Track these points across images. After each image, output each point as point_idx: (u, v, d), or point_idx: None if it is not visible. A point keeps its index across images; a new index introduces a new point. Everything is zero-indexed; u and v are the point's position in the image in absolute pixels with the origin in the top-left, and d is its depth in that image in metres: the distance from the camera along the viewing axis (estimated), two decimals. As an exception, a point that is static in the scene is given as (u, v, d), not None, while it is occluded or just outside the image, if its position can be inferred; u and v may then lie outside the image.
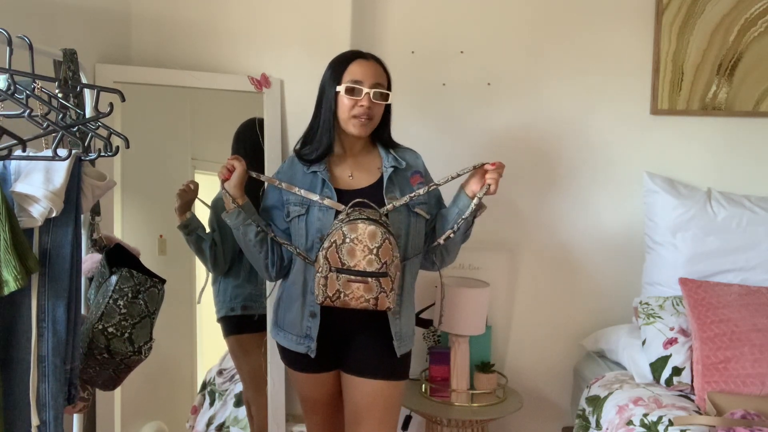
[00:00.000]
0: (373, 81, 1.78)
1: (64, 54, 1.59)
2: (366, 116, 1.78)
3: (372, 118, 1.80)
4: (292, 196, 1.82)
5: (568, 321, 2.68)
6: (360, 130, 1.79)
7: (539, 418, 2.69)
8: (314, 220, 1.79)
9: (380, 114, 1.83)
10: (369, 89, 1.77)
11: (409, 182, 1.86)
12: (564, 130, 2.63)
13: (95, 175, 1.34)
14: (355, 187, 1.83)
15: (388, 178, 1.83)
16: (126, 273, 1.56)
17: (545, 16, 2.61)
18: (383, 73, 1.83)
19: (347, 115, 1.79)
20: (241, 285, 2.40)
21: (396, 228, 1.76)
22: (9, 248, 1.11)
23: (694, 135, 2.59)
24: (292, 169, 1.88)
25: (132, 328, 1.53)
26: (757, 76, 2.54)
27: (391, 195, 1.80)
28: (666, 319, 2.23)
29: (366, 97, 1.77)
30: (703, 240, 2.41)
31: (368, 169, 1.88)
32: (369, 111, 1.78)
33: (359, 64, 1.80)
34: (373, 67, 1.81)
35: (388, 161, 1.86)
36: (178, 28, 2.46)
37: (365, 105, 1.77)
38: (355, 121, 1.78)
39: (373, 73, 1.79)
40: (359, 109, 1.77)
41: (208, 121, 2.52)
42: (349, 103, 1.78)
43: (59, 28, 2.00)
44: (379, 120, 1.84)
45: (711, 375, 1.98)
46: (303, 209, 1.80)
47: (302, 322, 1.82)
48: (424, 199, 1.85)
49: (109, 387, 1.62)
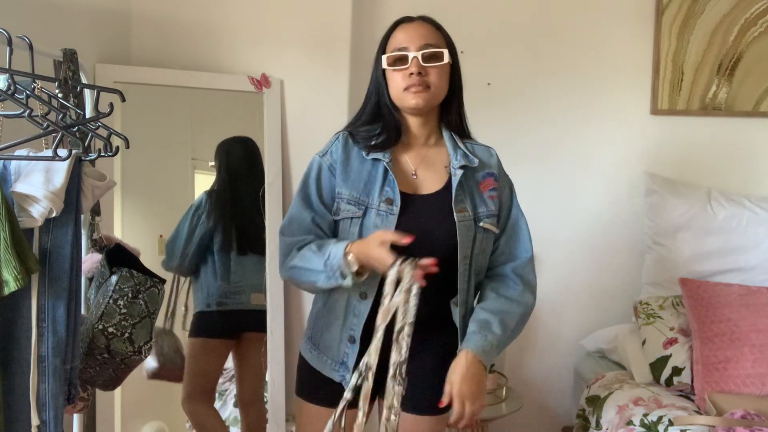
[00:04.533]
0: (421, 42, 1.45)
1: (64, 54, 1.59)
2: (420, 84, 1.44)
3: (429, 86, 1.45)
4: (346, 190, 1.47)
5: (568, 321, 2.68)
6: (416, 99, 1.44)
7: (539, 418, 2.68)
8: (370, 226, 1.44)
9: (441, 82, 1.48)
10: (416, 52, 1.44)
11: (479, 187, 1.50)
12: (564, 130, 2.64)
13: (95, 175, 1.34)
14: (421, 192, 1.49)
15: (458, 184, 1.46)
16: (126, 273, 1.56)
17: (545, 16, 2.61)
18: (436, 33, 1.49)
19: (399, 90, 1.46)
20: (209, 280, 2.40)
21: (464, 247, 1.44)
22: (9, 248, 1.11)
23: (694, 135, 2.59)
24: (346, 150, 1.50)
25: (132, 328, 1.53)
26: (757, 76, 2.54)
27: (461, 206, 1.46)
28: (666, 319, 2.23)
29: (414, 61, 1.43)
30: (703, 240, 2.41)
31: (435, 167, 1.52)
32: (422, 78, 1.44)
33: (402, 29, 1.49)
34: (422, 28, 1.48)
35: (457, 159, 1.49)
36: (178, 28, 2.46)
37: (415, 71, 1.43)
38: (408, 92, 1.45)
39: (420, 34, 1.46)
40: (409, 78, 1.44)
41: (208, 121, 2.52)
42: (398, 76, 1.46)
43: (59, 28, 2.00)
44: (441, 90, 1.49)
45: (711, 375, 1.98)
46: (360, 210, 1.45)
47: (339, 346, 1.49)
48: (495, 209, 1.51)
49: (109, 387, 1.62)
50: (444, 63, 1.47)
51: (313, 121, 2.46)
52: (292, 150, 2.48)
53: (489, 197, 1.50)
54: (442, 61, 1.46)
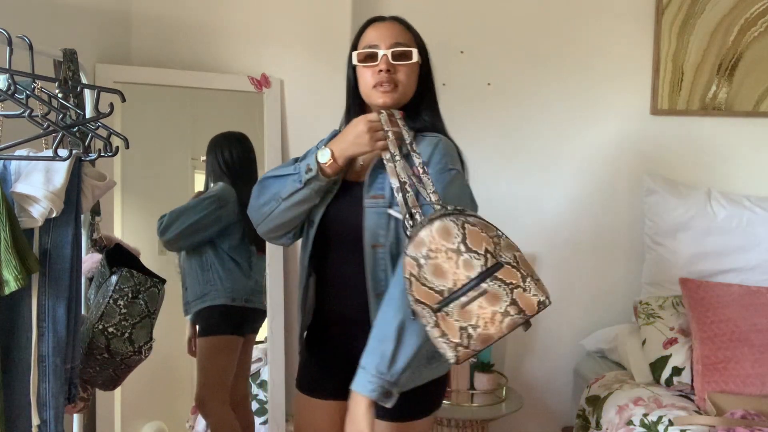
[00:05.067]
0: (392, 41, 1.48)
1: (64, 54, 1.59)
2: (389, 83, 1.46)
3: (398, 84, 1.47)
4: None
5: (568, 321, 2.68)
6: (384, 98, 1.46)
7: (539, 418, 2.68)
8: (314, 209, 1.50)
9: (409, 81, 1.49)
10: (386, 50, 1.46)
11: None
12: (564, 130, 2.64)
13: (95, 175, 1.34)
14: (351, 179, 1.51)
15: (374, 170, 1.45)
16: (126, 273, 1.56)
17: (545, 16, 2.61)
18: (406, 33, 1.52)
19: (368, 87, 1.49)
20: (236, 275, 2.38)
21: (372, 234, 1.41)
22: (9, 248, 1.11)
23: (694, 135, 2.59)
24: None
25: (132, 328, 1.53)
26: (757, 76, 2.54)
27: (375, 193, 1.43)
28: (666, 319, 2.23)
29: (383, 59, 1.46)
30: (703, 240, 2.41)
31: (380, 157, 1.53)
32: (391, 76, 1.46)
33: (374, 27, 1.53)
34: (393, 27, 1.52)
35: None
36: (178, 28, 2.46)
37: (383, 68, 1.45)
38: (377, 90, 1.47)
39: (390, 33, 1.50)
40: (378, 75, 1.46)
41: (208, 121, 2.52)
42: (368, 72, 1.48)
43: (59, 28, 2.00)
44: (409, 90, 1.50)
45: (711, 375, 1.98)
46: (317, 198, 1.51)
47: (301, 338, 1.59)
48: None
49: (109, 387, 1.62)
50: (413, 62, 1.49)
51: (313, 121, 2.46)
52: (292, 150, 2.48)
53: None
54: (411, 60, 1.48)
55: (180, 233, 2.31)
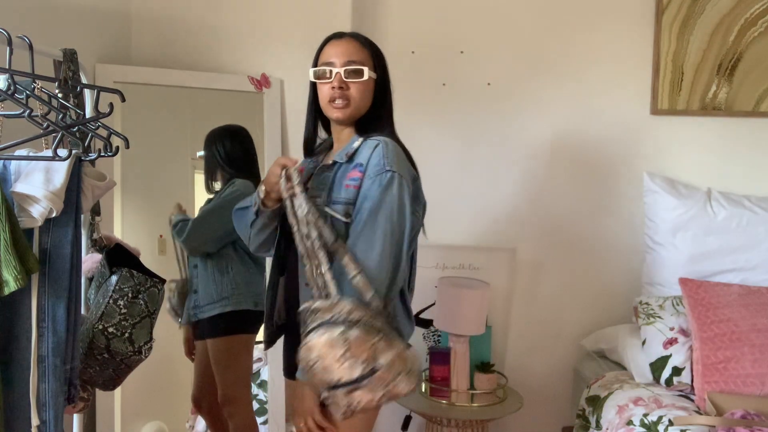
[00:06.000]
0: (345, 59, 1.58)
1: (64, 54, 1.59)
2: (341, 99, 1.57)
3: (350, 99, 1.57)
4: None
5: (568, 321, 2.68)
6: (338, 114, 1.58)
7: (539, 418, 2.68)
8: None
9: (362, 95, 1.59)
10: (340, 68, 1.57)
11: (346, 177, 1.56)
12: (564, 130, 2.63)
13: (95, 176, 1.34)
14: None
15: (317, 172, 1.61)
16: (126, 273, 1.56)
17: (545, 16, 2.61)
18: (361, 50, 1.61)
19: (325, 101, 1.60)
20: (257, 278, 2.34)
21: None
22: (9, 248, 1.11)
23: (694, 135, 2.59)
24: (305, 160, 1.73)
25: (132, 328, 1.53)
26: (757, 76, 2.54)
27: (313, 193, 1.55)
28: (666, 319, 2.23)
29: (336, 76, 1.56)
30: (703, 240, 2.41)
31: None
32: (343, 92, 1.56)
33: (332, 44, 1.62)
34: (348, 45, 1.61)
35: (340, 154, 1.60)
36: (178, 28, 2.46)
37: (336, 85, 1.56)
38: (331, 105, 1.59)
39: (345, 51, 1.59)
40: (332, 91, 1.57)
41: (209, 121, 2.52)
42: (324, 87, 1.59)
43: (59, 28, 2.00)
44: (363, 105, 1.60)
45: (711, 375, 1.98)
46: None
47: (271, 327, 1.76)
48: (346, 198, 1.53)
49: (109, 387, 1.62)
50: (365, 79, 1.58)
51: (313, 121, 2.46)
52: (292, 150, 2.48)
53: (345, 186, 1.55)
54: (363, 78, 1.58)
55: (215, 237, 2.23)
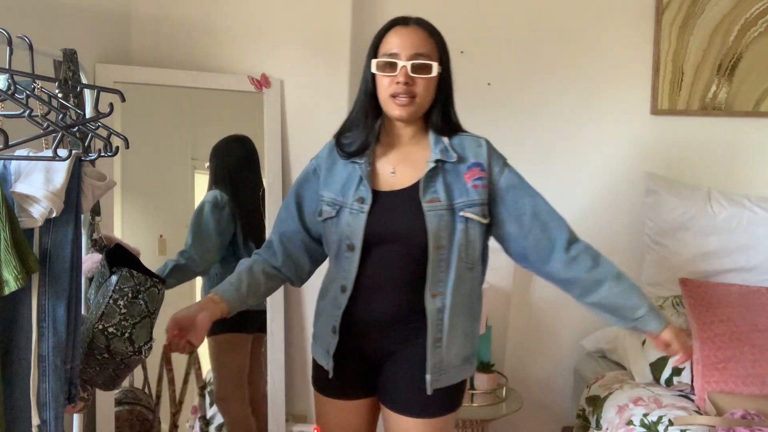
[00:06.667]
0: (411, 51, 1.47)
1: (64, 54, 1.59)
2: (406, 95, 1.47)
3: (415, 96, 1.48)
4: (327, 193, 1.56)
5: (568, 321, 2.68)
6: (400, 111, 1.49)
7: (539, 418, 2.69)
8: (343, 224, 1.52)
9: (427, 93, 1.51)
10: (406, 62, 1.46)
11: (463, 178, 1.52)
12: (564, 130, 2.64)
13: (95, 176, 1.34)
14: (396, 188, 1.53)
15: (428, 175, 1.50)
16: (126, 273, 1.56)
17: (545, 16, 2.61)
18: (428, 41, 1.51)
19: (386, 95, 1.49)
20: None
21: (435, 237, 1.48)
22: (9, 248, 1.11)
23: (694, 135, 2.59)
24: (331, 156, 1.60)
25: (132, 328, 1.53)
26: (757, 76, 2.54)
27: (432, 197, 1.49)
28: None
29: (402, 71, 1.46)
30: (703, 240, 2.41)
31: (416, 163, 1.55)
32: (408, 88, 1.47)
33: (396, 32, 1.51)
34: (415, 35, 1.50)
35: (435, 153, 1.52)
36: (178, 28, 2.46)
37: (401, 81, 1.46)
38: (393, 101, 1.48)
39: (412, 42, 1.48)
40: (395, 86, 1.47)
41: (208, 121, 2.52)
42: (386, 81, 1.48)
43: (59, 28, 2.00)
44: (426, 101, 1.52)
45: (711, 375, 1.98)
46: (334, 211, 1.54)
47: (326, 336, 1.59)
48: (480, 199, 1.52)
49: (109, 387, 1.62)
50: (432, 76, 1.50)
51: (313, 121, 2.46)
52: (292, 150, 2.48)
53: (473, 187, 1.52)
54: (431, 74, 1.49)
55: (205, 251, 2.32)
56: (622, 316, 1.57)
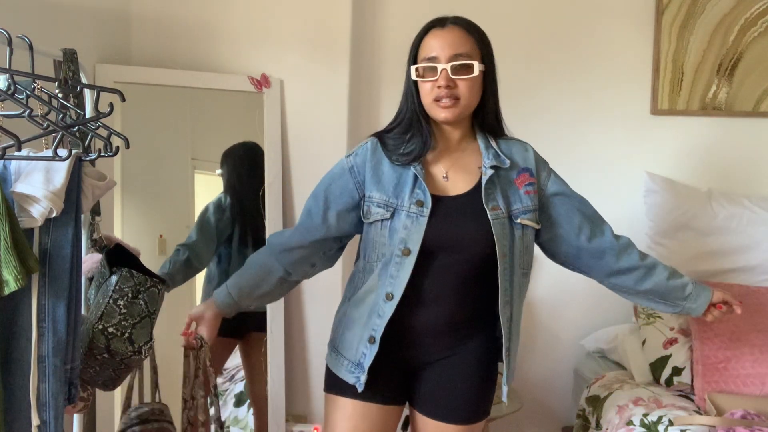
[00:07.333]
0: (450, 53, 1.42)
1: (64, 54, 1.59)
2: (449, 97, 1.43)
3: (459, 98, 1.43)
4: (377, 194, 1.48)
5: (568, 321, 2.68)
6: (445, 114, 1.44)
7: (539, 418, 2.68)
8: (399, 227, 1.45)
9: (471, 93, 1.45)
10: (445, 64, 1.42)
11: (514, 184, 1.50)
12: (564, 130, 2.63)
13: (95, 175, 1.34)
14: (451, 193, 1.49)
15: (489, 182, 1.47)
16: (126, 273, 1.56)
17: (545, 17, 2.61)
18: (467, 39, 1.46)
19: (429, 100, 1.45)
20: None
21: (501, 245, 1.45)
22: (9, 248, 1.11)
23: (694, 135, 2.59)
24: (376, 156, 1.51)
25: (132, 328, 1.53)
26: (757, 76, 2.55)
27: (493, 204, 1.46)
28: (666, 319, 2.23)
29: (443, 74, 1.41)
30: (703, 240, 2.41)
31: (467, 168, 1.51)
32: (451, 91, 1.42)
33: (433, 35, 1.46)
34: (452, 35, 1.45)
35: (489, 158, 1.49)
36: (178, 28, 2.46)
37: (443, 84, 1.42)
38: (437, 105, 1.44)
39: (450, 43, 1.44)
40: (437, 90, 1.42)
41: (208, 121, 2.52)
42: (427, 86, 1.44)
43: (59, 28, 2.00)
44: (472, 102, 1.47)
45: (711, 375, 1.98)
46: (388, 212, 1.46)
47: (358, 347, 1.50)
48: (533, 205, 1.51)
49: (109, 387, 1.62)
50: (474, 75, 1.45)
51: (313, 121, 2.46)
52: (292, 150, 2.48)
53: (525, 193, 1.51)
54: (473, 74, 1.44)
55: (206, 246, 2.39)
56: (674, 298, 1.60)
